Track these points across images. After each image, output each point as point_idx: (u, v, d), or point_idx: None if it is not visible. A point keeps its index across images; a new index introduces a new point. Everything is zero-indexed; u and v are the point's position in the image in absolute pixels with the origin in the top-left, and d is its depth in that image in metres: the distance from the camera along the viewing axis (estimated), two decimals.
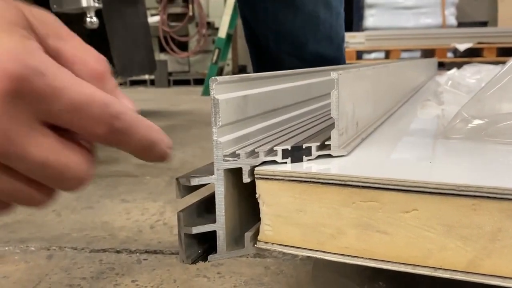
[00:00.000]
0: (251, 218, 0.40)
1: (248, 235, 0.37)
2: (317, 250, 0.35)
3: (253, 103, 0.39)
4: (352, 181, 0.33)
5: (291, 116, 0.47)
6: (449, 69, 1.82)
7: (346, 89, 0.39)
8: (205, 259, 0.36)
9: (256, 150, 0.36)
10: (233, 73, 5.12)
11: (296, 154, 0.37)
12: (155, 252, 0.79)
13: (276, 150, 0.36)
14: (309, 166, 0.36)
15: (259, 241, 0.37)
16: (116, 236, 0.86)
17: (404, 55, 3.97)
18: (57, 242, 0.84)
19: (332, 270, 0.42)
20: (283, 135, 0.42)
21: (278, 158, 0.36)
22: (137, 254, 0.78)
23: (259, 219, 0.38)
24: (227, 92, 0.35)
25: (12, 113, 0.19)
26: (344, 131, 0.39)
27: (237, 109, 0.37)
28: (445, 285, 0.38)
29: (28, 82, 0.19)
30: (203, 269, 0.71)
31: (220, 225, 0.36)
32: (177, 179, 0.36)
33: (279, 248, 0.36)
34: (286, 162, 0.37)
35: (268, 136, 0.41)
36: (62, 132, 0.23)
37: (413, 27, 4.34)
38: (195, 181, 0.35)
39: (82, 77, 0.23)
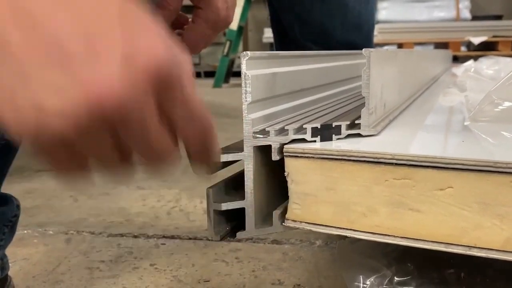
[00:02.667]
0: (278, 197, 0.39)
1: (276, 213, 0.36)
2: (347, 229, 0.34)
3: (281, 81, 0.39)
4: (385, 159, 0.32)
5: (318, 97, 0.46)
6: (463, 63, 1.80)
7: (377, 69, 0.39)
8: (233, 235, 0.36)
9: (285, 128, 0.36)
10: None
11: (326, 132, 0.37)
12: (172, 237, 0.79)
13: (306, 128, 0.36)
14: (339, 145, 0.36)
15: (287, 219, 0.36)
16: (133, 221, 0.86)
17: (417, 48, 3.93)
18: (75, 226, 0.84)
19: (358, 251, 0.42)
20: (311, 115, 0.41)
21: (308, 136, 0.36)
22: (155, 239, 0.78)
23: (286, 198, 0.38)
24: (257, 68, 0.35)
25: (147, 88, 0.21)
26: (374, 111, 0.39)
27: (266, 86, 0.37)
28: (475, 265, 0.37)
29: (169, 69, 0.22)
30: (221, 254, 0.71)
31: (249, 202, 0.35)
32: None
33: (307, 227, 0.36)
34: (315, 141, 0.36)
35: (297, 115, 0.41)
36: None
37: (426, 20, 4.29)
38: (224, 158, 0.35)
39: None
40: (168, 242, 0.77)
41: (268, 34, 5.15)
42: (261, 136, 0.35)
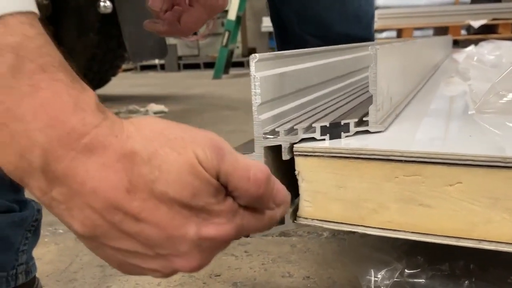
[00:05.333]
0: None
1: (288, 211, 0.37)
2: (358, 225, 0.35)
3: (288, 80, 0.39)
4: (395, 156, 0.33)
5: (324, 93, 0.47)
6: (463, 47, 1.79)
7: (383, 64, 0.39)
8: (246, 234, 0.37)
9: (295, 128, 0.36)
10: (243, 56, 5.09)
11: (334, 130, 0.37)
12: None
13: (315, 127, 0.37)
14: (348, 143, 0.36)
15: (299, 216, 0.37)
16: None
17: (417, 33, 3.91)
18: None
19: (368, 245, 0.43)
20: (319, 112, 0.42)
21: (317, 135, 0.37)
22: None
23: (297, 196, 0.38)
24: (265, 69, 0.35)
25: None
26: (381, 107, 0.39)
27: (274, 86, 0.37)
28: (484, 259, 0.38)
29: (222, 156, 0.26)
30: (231, 248, 0.72)
31: None
32: None
33: (319, 224, 0.36)
34: (324, 139, 0.37)
35: (304, 113, 0.41)
36: None
37: (426, 4, 4.25)
38: None
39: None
40: None
41: (266, 23, 5.13)
42: (271, 136, 0.36)
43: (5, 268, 0.50)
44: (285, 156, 0.36)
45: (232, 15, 3.85)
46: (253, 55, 0.34)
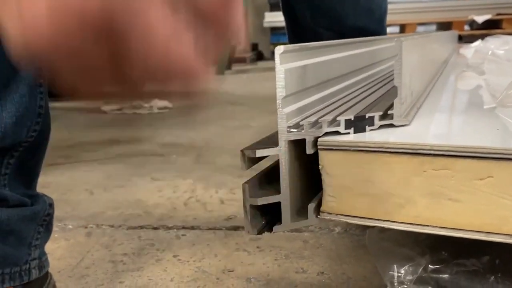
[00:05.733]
0: (311, 189, 0.40)
1: (311, 206, 0.36)
2: (384, 220, 0.34)
3: (311, 73, 0.39)
4: (424, 149, 0.32)
5: (344, 86, 0.46)
6: (466, 42, 1.78)
7: (406, 57, 0.38)
8: (270, 230, 0.37)
9: (319, 121, 0.36)
10: (245, 52, 5.06)
11: (359, 124, 0.36)
12: (192, 228, 0.79)
13: (339, 120, 0.36)
14: (372, 136, 0.36)
15: (323, 212, 0.37)
16: (151, 213, 0.87)
17: (420, 28, 3.89)
18: (93, 220, 0.85)
19: (389, 240, 0.42)
20: (340, 106, 0.41)
21: (341, 129, 0.36)
22: (175, 230, 0.79)
23: (319, 190, 0.38)
24: (289, 62, 0.35)
25: None
26: (405, 100, 0.39)
27: (298, 79, 0.36)
28: (511, 254, 0.38)
29: None
30: (243, 244, 0.72)
31: (284, 196, 0.36)
32: (242, 151, 0.35)
33: (343, 219, 0.36)
34: (348, 133, 0.36)
35: (326, 107, 0.40)
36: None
37: (429, 0, 4.23)
38: (260, 153, 0.35)
39: None
40: (189, 233, 0.77)
41: (268, 19, 5.10)
42: (295, 130, 0.35)
43: (18, 263, 0.50)
44: (309, 150, 0.35)
45: None
46: (278, 47, 0.33)
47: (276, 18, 4.76)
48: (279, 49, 0.33)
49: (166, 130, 1.64)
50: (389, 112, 0.38)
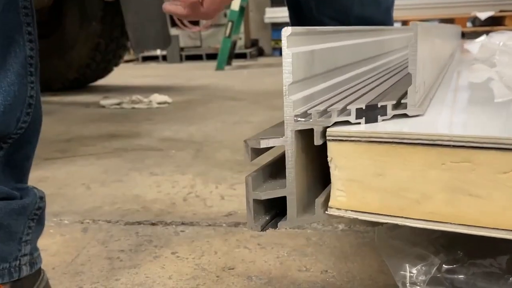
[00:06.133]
0: (318, 183, 0.37)
1: (319, 201, 0.34)
2: (398, 216, 0.32)
3: (319, 59, 0.36)
4: (443, 140, 0.30)
5: (352, 75, 0.44)
6: (469, 39, 1.75)
7: (421, 44, 0.36)
8: (274, 226, 0.34)
9: (328, 110, 0.33)
10: (246, 47, 5.03)
11: (370, 113, 0.34)
12: (191, 224, 0.77)
13: (349, 109, 0.34)
14: (385, 126, 0.33)
15: (331, 207, 0.34)
16: (149, 208, 0.84)
17: None
18: (90, 215, 0.82)
19: (400, 238, 0.40)
20: (350, 95, 0.39)
21: (352, 118, 0.33)
22: (174, 226, 0.76)
23: (327, 184, 0.35)
24: (297, 45, 0.32)
25: None
26: (418, 89, 0.36)
27: (306, 65, 0.34)
28: None
29: None
30: (243, 240, 0.70)
31: (290, 191, 0.33)
32: (245, 141, 0.33)
33: (353, 215, 0.33)
34: (359, 123, 0.34)
35: (335, 95, 0.38)
36: None
37: None
38: (264, 143, 0.32)
39: None
40: (188, 229, 0.75)
41: (269, 15, 5.07)
42: (303, 119, 0.33)
43: (6, 259, 0.47)
44: (318, 141, 0.33)
45: (235, 5, 3.80)
46: (285, 28, 0.31)
47: (277, 14, 4.72)
48: (286, 31, 0.31)
49: (165, 125, 1.61)
50: (403, 101, 0.35)
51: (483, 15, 3.52)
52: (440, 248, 0.37)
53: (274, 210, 0.36)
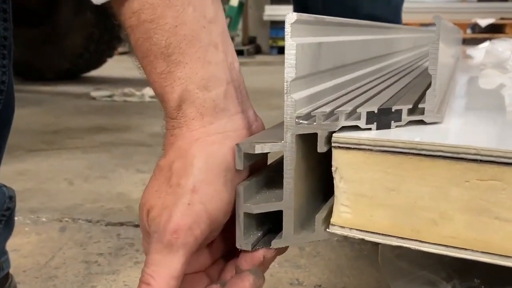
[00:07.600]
0: (320, 196, 0.33)
1: (319, 217, 0.30)
2: (411, 239, 0.28)
3: (326, 54, 0.32)
4: (469, 154, 0.25)
5: (361, 74, 0.39)
6: (469, 45, 1.73)
7: (441, 44, 0.32)
8: (267, 244, 0.30)
9: (335, 112, 0.29)
10: (243, 44, 4.98)
11: (383, 118, 0.30)
12: None
13: (359, 113, 0.29)
14: (399, 134, 0.29)
15: (333, 224, 0.30)
16: (133, 208, 0.79)
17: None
18: (70, 213, 0.77)
19: (406, 259, 0.36)
20: (358, 96, 0.34)
21: (362, 123, 0.29)
22: None
23: (328, 197, 0.31)
24: (302, 36, 0.28)
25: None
26: (437, 93, 0.32)
27: (311, 59, 0.29)
28: None
29: None
30: None
31: (288, 204, 0.29)
32: (237, 145, 0.28)
33: (359, 235, 0.29)
34: (370, 128, 0.29)
35: (342, 96, 0.34)
36: None
37: (432, 1, 4.19)
38: (259, 148, 0.28)
39: None
40: None
41: (268, 12, 5.02)
42: (305, 122, 0.28)
43: None
44: (322, 148, 0.28)
45: (234, 1, 3.75)
46: (289, 14, 0.26)
47: (277, 12, 4.67)
48: (290, 17, 0.26)
49: (156, 120, 1.56)
50: (420, 105, 0.31)
51: (483, 22, 3.50)
52: (452, 273, 0.33)
53: (267, 224, 0.31)
